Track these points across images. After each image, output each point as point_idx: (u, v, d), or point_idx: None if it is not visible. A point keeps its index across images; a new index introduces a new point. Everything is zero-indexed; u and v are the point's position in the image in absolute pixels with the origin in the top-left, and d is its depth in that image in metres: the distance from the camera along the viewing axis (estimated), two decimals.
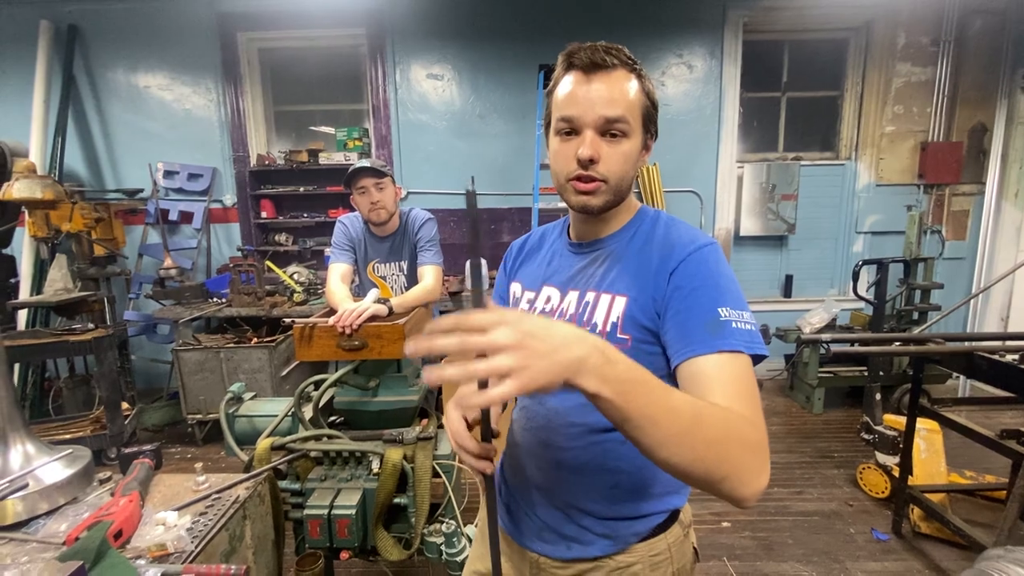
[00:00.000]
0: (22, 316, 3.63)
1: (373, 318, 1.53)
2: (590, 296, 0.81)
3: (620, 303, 0.77)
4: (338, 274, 2.01)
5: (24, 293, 3.58)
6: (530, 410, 0.88)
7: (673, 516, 0.86)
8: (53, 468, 1.10)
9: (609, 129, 0.74)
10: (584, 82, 0.74)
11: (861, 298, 3.55)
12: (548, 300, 0.87)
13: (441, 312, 2.65)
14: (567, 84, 0.76)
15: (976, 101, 4.06)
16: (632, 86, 0.75)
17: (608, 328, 0.77)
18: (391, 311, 1.66)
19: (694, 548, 0.91)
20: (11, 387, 1.12)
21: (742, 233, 4.23)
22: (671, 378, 0.72)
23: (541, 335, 0.47)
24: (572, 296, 0.83)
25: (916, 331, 3.21)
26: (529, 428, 0.88)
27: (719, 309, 0.69)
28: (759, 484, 0.57)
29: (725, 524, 2.40)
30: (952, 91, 4.07)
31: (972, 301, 4.03)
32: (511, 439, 0.95)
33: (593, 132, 0.74)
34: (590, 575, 0.83)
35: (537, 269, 0.93)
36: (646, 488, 0.83)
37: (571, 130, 0.76)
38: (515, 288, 0.95)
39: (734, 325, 0.68)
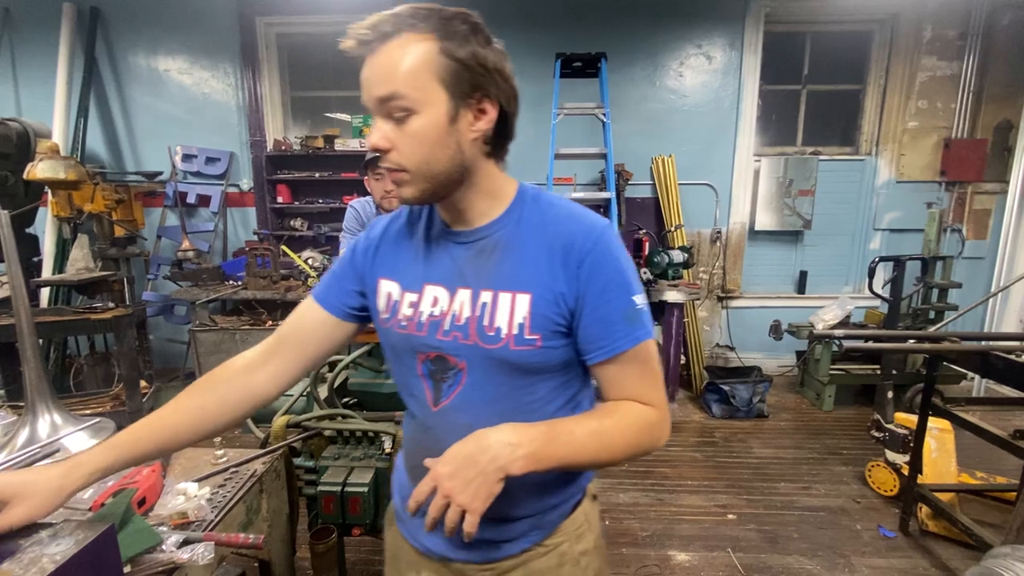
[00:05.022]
0: (44, 294, 3.72)
1: None
2: (486, 296, 0.73)
3: (524, 301, 0.72)
4: None
5: (47, 271, 3.66)
6: (441, 429, 0.79)
7: (585, 489, 0.89)
8: (79, 437, 1.15)
9: (389, 111, 0.67)
10: (365, 64, 0.67)
11: (877, 295, 3.51)
12: (435, 302, 0.77)
13: None
14: None
15: (1003, 97, 3.97)
16: (410, 51, 0.64)
17: (515, 331, 0.71)
18: None
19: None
20: (41, 360, 1.16)
21: (757, 228, 4.19)
22: (580, 363, 0.78)
23: (466, 469, 0.63)
24: (464, 296, 0.75)
25: (932, 330, 3.17)
26: (429, 451, 0.77)
27: (633, 298, 0.73)
28: (663, 439, 0.76)
29: (731, 516, 2.41)
30: (978, 87, 3.98)
31: (991, 301, 3.96)
32: (423, 456, 0.79)
33: (380, 118, 0.68)
34: (520, 569, 0.82)
35: (413, 264, 0.80)
36: (571, 477, 0.84)
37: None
38: (391, 288, 0.81)
39: (644, 311, 0.74)
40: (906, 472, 2.27)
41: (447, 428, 0.77)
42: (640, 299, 0.74)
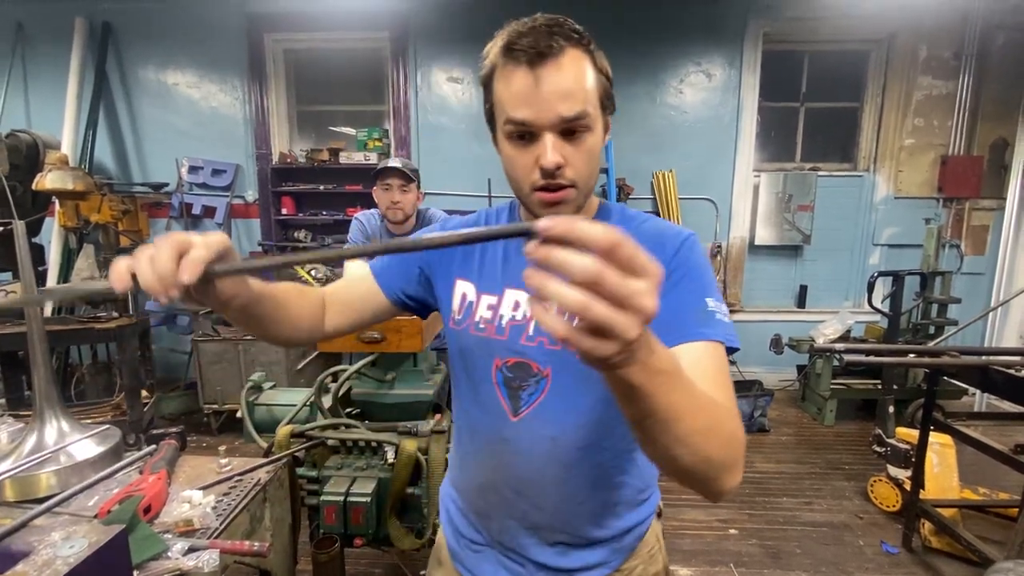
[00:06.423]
0: (48, 303, 3.74)
1: None
2: None
3: None
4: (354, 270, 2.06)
5: (51, 281, 3.68)
6: (523, 441, 0.75)
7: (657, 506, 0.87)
8: (85, 445, 1.15)
9: (570, 128, 0.64)
10: (531, 77, 0.62)
11: (876, 310, 3.52)
12: (516, 306, 0.75)
13: None
14: (512, 80, 0.64)
15: (998, 116, 4.03)
16: (587, 68, 0.64)
17: None
18: None
19: None
20: (50, 367, 1.17)
21: (757, 242, 4.22)
22: None
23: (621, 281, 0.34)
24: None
25: (932, 344, 3.18)
26: (504, 466, 0.77)
27: (707, 299, 0.67)
28: (739, 479, 0.54)
29: (732, 531, 2.40)
30: (973, 105, 4.03)
31: (990, 316, 3.98)
32: (496, 473, 0.79)
33: (553, 135, 0.64)
34: None
35: (491, 267, 0.79)
36: (643, 493, 0.81)
37: (524, 134, 0.65)
38: (466, 289, 0.80)
39: (718, 316, 0.66)
40: (908, 487, 2.26)
41: (530, 439, 0.74)
42: (713, 304, 0.66)
